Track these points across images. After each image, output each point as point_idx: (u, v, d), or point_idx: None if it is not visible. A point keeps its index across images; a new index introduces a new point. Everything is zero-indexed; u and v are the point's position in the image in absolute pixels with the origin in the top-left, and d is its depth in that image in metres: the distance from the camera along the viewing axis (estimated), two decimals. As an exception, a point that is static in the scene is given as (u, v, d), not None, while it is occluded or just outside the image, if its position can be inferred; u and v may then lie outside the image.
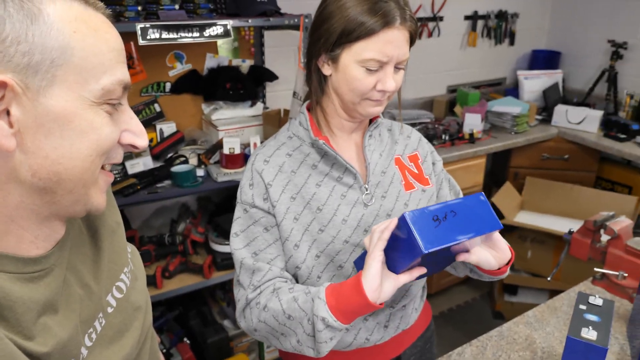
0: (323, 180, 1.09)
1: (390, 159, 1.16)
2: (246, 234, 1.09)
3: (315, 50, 1.05)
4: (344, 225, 1.07)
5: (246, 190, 1.09)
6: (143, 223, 2.44)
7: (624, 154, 2.84)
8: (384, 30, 0.96)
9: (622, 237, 1.52)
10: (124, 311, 0.76)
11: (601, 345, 1.00)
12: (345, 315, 0.93)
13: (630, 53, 3.24)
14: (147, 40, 1.71)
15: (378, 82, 1.01)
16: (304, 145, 1.11)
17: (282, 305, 1.00)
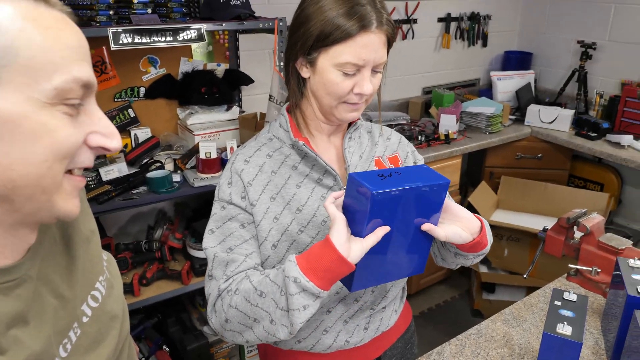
0: (303, 181, 1.09)
1: (370, 160, 1.17)
2: (222, 230, 1.07)
3: (293, 53, 1.05)
4: (324, 226, 1.07)
5: (224, 189, 1.08)
6: (119, 230, 2.40)
7: (595, 152, 2.91)
8: (361, 34, 0.97)
9: (594, 234, 1.55)
10: (100, 320, 0.74)
11: (576, 340, 1.02)
12: (317, 275, 0.89)
13: (599, 53, 3.32)
14: (119, 45, 1.69)
15: (355, 85, 1.01)
16: (284, 147, 1.11)
17: (253, 284, 0.97)
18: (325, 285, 0.91)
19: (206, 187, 2.02)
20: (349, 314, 1.15)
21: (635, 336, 1.06)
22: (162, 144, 2.27)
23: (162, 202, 2.42)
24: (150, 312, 2.43)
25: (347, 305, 1.15)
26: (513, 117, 3.35)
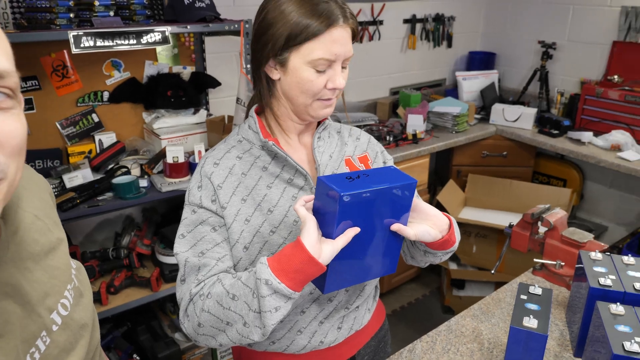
0: (274, 182, 1.09)
1: (340, 160, 1.18)
2: (193, 234, 1.06)
3: (263, 57, 1.05)
4: (295, 226, 1.07)
5: (194, 192, 1.08)
6: (85, 238, 2.35)
7: (558, 149, 2.99)
8: (329, 30, 0.99)
9: (557, 228, 1.59)
10: (70, 329, 0.73)
11: (541, 333, 1.05)
12: (288, 276, 0.90)
13: (559, 53, 3.42)
14: (80, 48, 1.65)
15: (328, 80, 1.03)
16: (254, 148, 1.11)
17: (225, 287, 0.97)
18: (297, 286, 0.91)
19: (174, 192, 1.99)
20: (323, 314, 1.16)
21: (597, 326, 1.09)
22: (128, 149, 2.23)
23: (129, 208, 2.38)
24: (119, 320, 2.38)
25: (321, 306, 1.15)
26: (478, 116, 3.41)
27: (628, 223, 3.29)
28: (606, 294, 1.17)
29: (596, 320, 1.10)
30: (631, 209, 3.27)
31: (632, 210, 3.26)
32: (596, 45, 3.24)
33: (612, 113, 2.98)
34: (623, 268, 1.26)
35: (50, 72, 2.06)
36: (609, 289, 1.17)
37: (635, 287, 1.17)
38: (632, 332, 1.02)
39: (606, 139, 2.86)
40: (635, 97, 2.85)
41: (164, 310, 2.52)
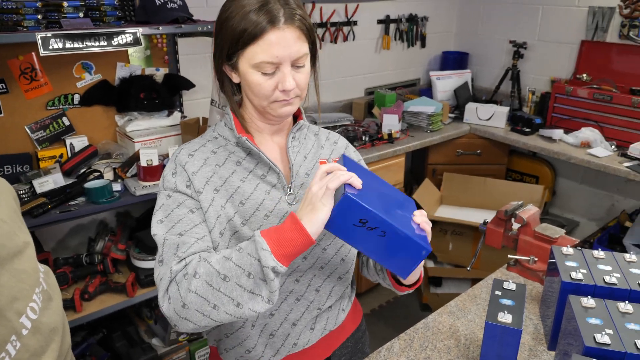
0: (247, 176, 1.09)
1: (315, 161, 1.18)
2: (170, 218, 1.04)
3: (218, 62, 1.07)
4: (266, 220, 1.07)
5: (169, 178, 1.08)
6: (57, 244, 2.30)
7: (530, 147, 3.04)
8: (269, 31, 0.98)
9: (530, 224, 1.62)
10: (40, 333, 0.72)
11: (516, 328, 1.06)
12: (288, 259, 0.93)
13: (530, 52, 3.48)
14: (49, 50, 1.62)
15: (278, 83, 1.03)
16: (229, 145, 1.12)
17: (214, 267, 0.93)
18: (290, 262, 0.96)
19: (149, 196, 1.97)
20: (294, 315, 1.15)
21: (569, 319, 1.11)
22: (101, 152, 2.19)
23: (103, 212, 2.34)
24: (95, 327, 2.34)
25: (290, 306, 1.15)
26: (452, 115, 3.45)
27: (598, 218, 3.37)
28: (578, 288, 1.19)
29: (568, 314, 1.13)
30: (601, 204, 3.35)
31: (602, 206, 3.34)
32: (565, 45, 3.31)
33: (582, 111, 3.05)
34: (593, 262, 1.29)
35: (18, 75, 2.01)
36: (580, 282, 1.20)
37: (605, 281, 1.20)
38: (602, 324, 1.04)
39: (576, 136, 2.92)
40: (603, 95, 2.92)
41: (140, 316, 2.49)
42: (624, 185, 3.17)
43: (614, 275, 1.21)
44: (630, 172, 2.55)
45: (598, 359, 0.95)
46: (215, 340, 1.21)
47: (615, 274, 1.22)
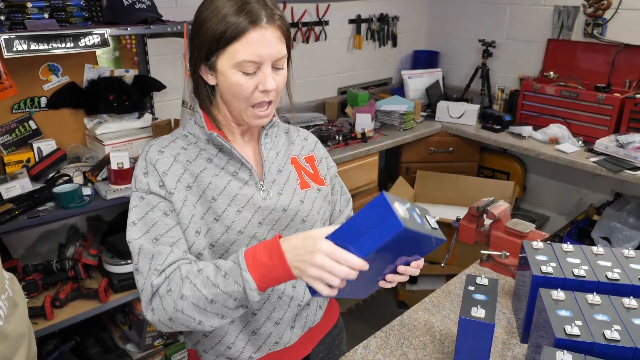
0: (219, 173, 1.08)
1: (286, 158, 1.18)
2: (145, 221, 1.03)
3: (196, 62, 1.05)
4: (239, 216, 1.07)
5: (141, 179, 1.06)
6: (26, 251, 2.24)
7: (500, 144, 3.10)
8: (251, 30, 0.98)
9: (502, 220, 1.65)
10: (6, 339, 0.72)
11: (489, 322, 1.08)
12: (269, 285, 0.94)
13: (499, 51, 3.54)
14: (13, 52, 1.58)
15: (259, 83, 1.02)
16: (200, 142, 1.10)
17: (200, 291, 0.95)
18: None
19: (120, 199, 1.93)
20: (277, 314, 1.16)
21: (540, 312, 1.14)
22: (70, 156, 2.14)
23: (73, 217, 2.28)
24: (67, 335, 2.29)
25: (273, 305, 1.15)
26: (424, 114, 3.49)
27: (568, 212, 3.45)
28: (548, 281, 1.22)
29: (539, 307, 1.15)
30: (570, 199, 3.43)
31: (571, 200, 3.42)
32: (532, 43, 3.38)
33: (550, 108, 3.12)
34: (563, 255, 1.32)
35: (-19, 78, 1.96)
36: (550, 276, 1.22)
37: (574, 273, 1.23)
38: (572, 316, 1.07)
39: (545, 133, 2.99)
40: (570, 92, 2.99)
41: (114, 322, 2.44)
42: (591, 179, 3.26)
43: (582, 268, 1.24)
44: (596, 167, 2.62)
45: (568, 350, 0.98)
46: (194, 343, 1.21)
47: (583, 266, 1.26)
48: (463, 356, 1.14)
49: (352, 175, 2.85)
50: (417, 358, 1.28)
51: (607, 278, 1.21)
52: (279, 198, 1.12)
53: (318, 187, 1.21)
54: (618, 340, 0.99)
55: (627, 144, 2.64)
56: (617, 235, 2.73)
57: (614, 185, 3.16)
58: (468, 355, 1.14)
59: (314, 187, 1.20)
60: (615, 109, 2.81)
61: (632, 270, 1.24)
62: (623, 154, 2.63)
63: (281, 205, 1.12)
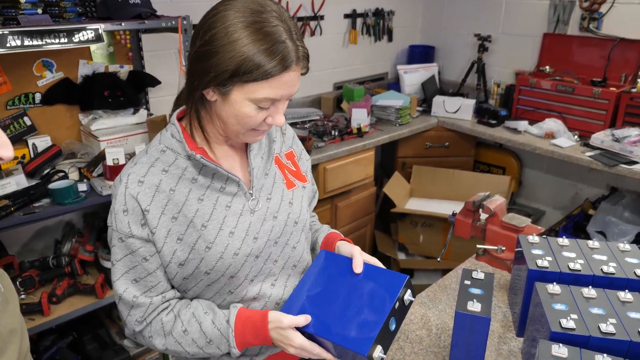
0: (205, 193, 1.03)
1: (270, 159, 1.15)
2: (124, 262, 1.03)
3: (203, 83, 0.95)
4: (232, 237, 1.04)
5: (121, 218, 1.00)
6: (22, 247, 2.24)
7: (496, 138, 3.10)
8: (281, 74, 0.93)
9: (497, 214, 1.66)
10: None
11: (484, 316, 1.09)
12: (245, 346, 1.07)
13: (494, 45, 3.54)
14: (6, 48, 1.57)
15: (268, 116, 0.99)
16: (179, 159, 1.03)
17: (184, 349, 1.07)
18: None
19: (116, 195, 1.93)
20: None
21: (536, 306, 1.14)
22: (65, 152, 2.14)
23: (69, 213, 2.29)
24: (64, 330, 2.29)
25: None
26: (420, 109, 3.49)
27: (563, 207, 3.46)
28: (543, 275, 1.23)
29: (535, 300, 1.16)
30: (566, 193, 3.44)
31: (567, 195, 3.44)
32: (528, 38, 3.38)
33: (545, 102, 3.12)
34: (558, 249, 1.33)
35: (-25, 73, 1.94)
36: (546, 270, 1.23)
37: (569, 267, 1.23)
38: (568, 310, 1.08)
39: (540, 127, 2.99)
40: (565, 87, 3.00)
41: (111, 317, 2.45)
42: (587, 174, 3.27)
43: (578, 262, 1.25)
44: (592, 162, 2.63)
45: (564, 343, 0.98)
46: None
47: (579, 260, 1.26)
48: (459, 350, 1.15)
49: (348, 170, 2.85)
50: (413, 352, 1.29)
51: (603, 272, 1.21)
52: (268, 205, 1.10)
53: (303, 184, 1.20)
54: (613, 333, 1.00)
55: (622, 139, 2.65)
56: (613, 229, 2.74)
57: (609, 180, 3.17)
58: (464, 349, 1.14)
59: (298, 185, 1.19)
60: (611, 104, 2.81)
61: (627, 264, 1.25)
62: (619, 148, 2.63)
63: (271, 213, 1.10)
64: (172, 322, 1.06)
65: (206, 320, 1.05)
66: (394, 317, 1.01)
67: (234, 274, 1.06)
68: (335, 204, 2.91)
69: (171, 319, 1.06)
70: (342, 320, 1.01)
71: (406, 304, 1.06)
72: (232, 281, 1.08)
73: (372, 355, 0.95)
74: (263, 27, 0.91)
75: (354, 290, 1.07)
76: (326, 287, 1.09)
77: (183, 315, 1.06)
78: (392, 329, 1.01)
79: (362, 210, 3.11)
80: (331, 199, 2.88)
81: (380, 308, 1.01)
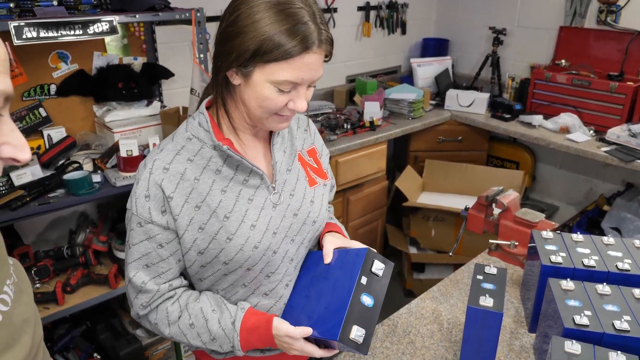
0: (228, 185, 1.04)
1: (293, 156, 1.15)
2: (139, 247, 1.04)
3: (226, 64, 0.96)
4: (253, 230, 1.05)
5: (142, 203, 1.01)
6: (37, 237, 2.26)
7: (510, 133, 3.07)
8: (302, 54, 0.92)
9: (511, 209, 1.64)
10: (12, 324, 0.72)
11: (497, 311, 1.08)
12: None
13: (509, 38, 3.50)
14: (22, 39, 1.58)
15: (290, 101, 0.98)
16: (205, 148, 1.04)
17: (188, 340, 1.09)
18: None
19: (129, 187, 1.94)
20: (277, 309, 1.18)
21: (549, 302, 1.13)
22: (79, 143, 2.16)
23: (83, 204, 2.31)
24: (78, 320, 2.32)
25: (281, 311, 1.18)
26: (433, 102, 3.47)
27: (577, 202, 3.43)
28: (557, 271, 1.22)
29: (548, 296, 1.15)
30: (580, 188, 3.40)
31: (581, 190, 3.40)
32: (544, 31, 3.34)
33: (561, 96, 3.08)
34: (572, 245, 1.31)
35: (-9, 65, 1.96)
36: (560, 265, 1.22)
37: (584, 263, 1.22)
38: (581, 306, 1.07)
39: (555, 122, 2.96)
40: (581, 81, 2.96)
41: (123, 307, 2.47)
42: (602, 169, 3.23)
43: (592, 258, 1.24)
44: (608, 157, 2.59)
45: (577, 339, 0.97)
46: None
47: (593, 256, 1.25)
48: (471, 345, 1.14)
49: (360, 163, 2.85)
50: (424, 346, 1.29)
51: (618, 268, 1.20)
52: (291, 201, 1.11)
53: (324, 182, 1.21)
54: (628, 330, 0.99)
55: (639, 134, 2.61)
56: (628, 225, 2.71)
57: (625, 175, 3.13)
58: (476, 344, 1.14)
59: (320, 182, 1.20)
60: (628, 98, 2.77)
61: (642, 260, 1.23)
62: (635, 144, 2.60)
63: (292, 210, 1.11)
64: (178, 313, 1.08)
65: (213, 318, 1.07)
66: (365, 293, 1.02)
67: (251, 266, 1.07)
68: (347, 197, 2.91)
69: (176, 309, 1.08)
70: (319, 314, 1.04)
71: (379, 274, 1.06)
72: (248, 274, 1.09)
73: (350, 337, 0.96)
74: (286, 8, 0.92)
75: (325, 281, 1.10)
76: (308, 286, 1.14)
77: (191, 308, 1.08)
78: (370, 304, 1.02)
79: (373, 204, 3.10)
80: (343, 192, 2.88)
81: (347, 289, 1.02)
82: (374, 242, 3.25)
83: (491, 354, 1.14)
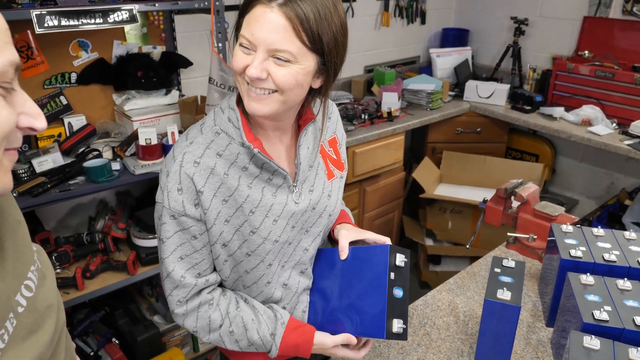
0: (253, 181, 1.05)
1: (316, 150, 1.15)
2: (174, 239, 1.04)
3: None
4: (275, 225, 1.07)
5: (175, 196, 1.00)
6: (58, 223, 2.30)
7: (530, 125, 3.03)
8: (254, 6, 0.92)
9: (530, 202, 1.62)
10: (36, 310, 0.73)
11: (515, 304, 1.07)
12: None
13: (531, 29, 3.44)
14: (44, 28, 1.59)
15: (247, 66, 0.95)
16: (233, 144, 1.02)
17: (225, 344, 1.12)
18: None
19: (148, 175, 1.96)
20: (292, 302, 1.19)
21: (568, 296, 1.12)
22: (99, 131, 2.18)
23: (103, 191, 2.33)
24: (97, 305, 2.36)
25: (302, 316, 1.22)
26: (452, 93, 3.43)
27: (598, 196, 3.37)
28: (577, 265, 1.20)
29: (567, 291, 1.13)
30: (601, 182, 3.35)
31: (602, 184, 3.34)
32: (567, 21, 3.27)
33: (583, 88, 3.03)
34: (593, 240, 1.29)
35: (14, 53, 1.99)
36: (579, 260, 1.20)
37: (604, 258, 1.20)
38: (601, 301, 1.05)
39: (577, 114, 2.91)
40: (605, 72, 2.90)
41: (141, 294, 2.51)
42: (624, 163, 3.17)
43: (613, 253, 1.22)
44: (630, 150, 2.54)
45: (596, 335, 0.96)
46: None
47: (614, 251, 1.23)
48: (487, 338, 1.14)
49: (378, 154, 2.83)
50: (440, 338, 1.28)
51: (639, 264, 1.18)
52: (310, 197, 1.12)
53: (341, 174, 1.21)
54: (648, 326, 0.98)
55: (663, 127, 2.55)
56: (649, 220, 2.66)
57: (647, 169, 3.07)
58: (492, 337, 1.13)
59: (337, 175, 1.20)
60: (653, 90, 2.71)
61: (665, 256, 1.21)
62: (659, 137, 2.54)
63: (311, 205, 1.12)
64: (220, 321, 1.10)
65: (252, 328, 1.10)
66: (395, 286, 1.05)
67: (271, 261, 1.10)
68: (364, 188, 2.90)
69: (218, 317, 1.10)
70: (358, 316, 1.07)
71: (402, 267, 1.08)
72: (269, 269, 1.11)
73: (393, 331, 1.00)
74: None
75: (350, 280, 1.11)
76: (332, 286, 1.16)
77: (232, 316, 1.11)
78: (400, 296, 1.05)
79: (390, 195, 3.09)
80: (360, 183, 2.87)
81: (377, 286, 1.04)
82: (390, 234, 3.24)
83: (508, 348, 1.13)
